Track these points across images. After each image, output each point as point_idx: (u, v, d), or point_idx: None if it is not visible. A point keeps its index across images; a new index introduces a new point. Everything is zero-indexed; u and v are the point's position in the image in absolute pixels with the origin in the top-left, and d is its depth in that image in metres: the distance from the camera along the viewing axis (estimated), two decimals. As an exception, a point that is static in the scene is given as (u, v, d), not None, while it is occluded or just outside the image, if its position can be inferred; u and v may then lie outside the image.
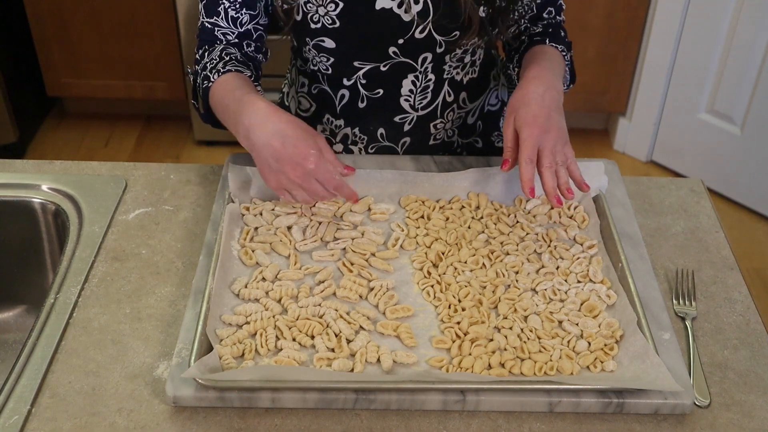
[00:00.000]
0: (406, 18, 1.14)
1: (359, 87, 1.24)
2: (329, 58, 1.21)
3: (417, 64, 1.20)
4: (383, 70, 1.21)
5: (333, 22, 1.14)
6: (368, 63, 1.20)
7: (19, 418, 0.87)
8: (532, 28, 1.26)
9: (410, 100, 1.24)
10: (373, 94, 1.24)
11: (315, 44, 1.19)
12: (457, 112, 1.29)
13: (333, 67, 1.22)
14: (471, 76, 1.27)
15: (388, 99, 1.24)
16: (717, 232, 1.17)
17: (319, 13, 1.14)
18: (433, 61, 1.20)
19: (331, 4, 1.13)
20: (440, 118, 1.28)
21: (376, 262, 1.06)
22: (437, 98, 1.25)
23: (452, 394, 0.88)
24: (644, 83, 2.82)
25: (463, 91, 1.27)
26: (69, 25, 2.73)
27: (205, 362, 0.88)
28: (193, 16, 2.63)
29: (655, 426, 0.88)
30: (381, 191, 1.17)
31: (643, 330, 0.94)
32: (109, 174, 1.24)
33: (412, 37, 1.16)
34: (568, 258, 1.08)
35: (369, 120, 1.28)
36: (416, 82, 1.22)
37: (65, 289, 1.03)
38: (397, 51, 1.18)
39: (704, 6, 2.58)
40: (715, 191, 2.76)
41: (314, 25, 1.16)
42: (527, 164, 1.04)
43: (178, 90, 2.86)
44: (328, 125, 1.31)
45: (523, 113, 1.07)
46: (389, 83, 1.23)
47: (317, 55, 1.21)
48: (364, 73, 1.22)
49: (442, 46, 1.18)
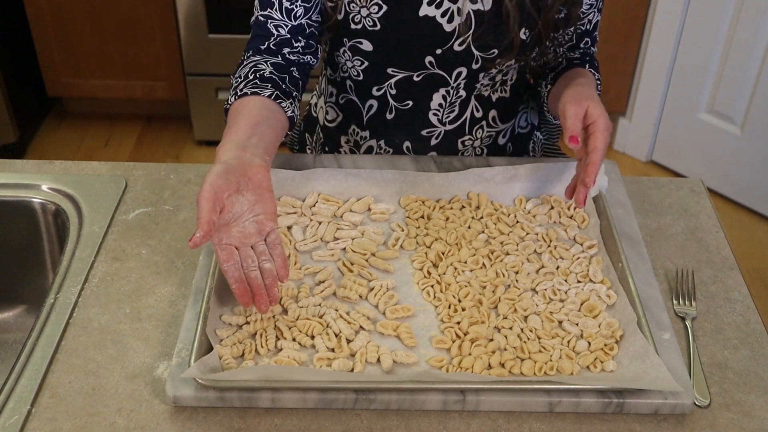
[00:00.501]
0: (448, 28, 1.14)
1: (388, 97, 1.24)
2: (363, 62, 1.20)
3: (450, 78, 1.20)
4: (416, 80, 1.21)
5: (374, 24, 1.14)
6: (402, 71, 1.20)
7: (19, 418, 0.87)
8: (569, 54, 1.26)
9: (439, 114, 1.25)
10: (402, 106, 1.24)
11: (352, 45, 1.19)
12: (486, 130, 1.29)
13: (365, 73, 1.22)
14: (501, 94, 1.27)
15: (417, 112, 1.24)
16: (717, 232, 1.17)
17: (361, 14, 1.14)
18: (466, 77, 1.20)
19: (375, 6, 1.13)
20: (468, 135, 1.28)
21: (376, 262, 1.06)
22: (465, 113, 1.25)
23: (452, 394, 0.88)
24: (644, 83, 2.82)
25: (493, 108, 1.27)
26: (69, 25, 2.73)
27: (205, 362, 0.88)
28: (193, 16, 2.63)
29: (655, 426, 0.88)
30: (381, 191, 1.17)
31: (643, 330, 0.94)
32: (109, 174, 1.24)
33: (450, 49, 1.16)
34: (568, 258, 1.08)
35: (395, 132, 1.28)
36: (447, 97, 1.22)
37: (65, 289, 1.03)
38: (433, 62, 1.18)
39: (704, 6, 2.58)
40: (715, 191, 2.76)
41: (355, 25, 1.15)
42: (604, 133, 1.04)
43: (178, 90, 2.86)
44: (353, 136, 1.31)
45: (582, 91, 1.08)
46: (420, 95, 1.23)
47: (351, 58, 1.21)
48: (395, 82, 1.22)
49: (478, 62, 1.18)
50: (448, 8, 1.13)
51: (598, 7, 1.23)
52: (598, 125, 1.04)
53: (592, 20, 1.24)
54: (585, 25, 1.24)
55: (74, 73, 2.85)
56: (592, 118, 1.05)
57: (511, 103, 1.30)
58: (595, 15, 1.24)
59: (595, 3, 1.22)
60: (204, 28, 2.65)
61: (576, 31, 1.23)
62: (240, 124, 1.04)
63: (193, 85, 2.80)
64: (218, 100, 2.82)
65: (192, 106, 2.85)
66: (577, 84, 1.14)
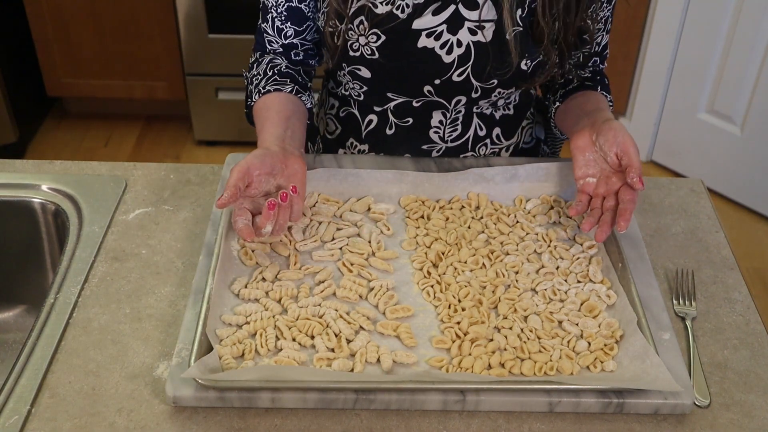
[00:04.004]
0: (446, 60, 1.14)
1: (389, 114, 1.24)
2: (362, 86, 1.21)
3: (450, 104, 1.20)
4: (415, 105, 1.21)
5: (372, 53, 1.14)
6: (401, 96, 1.20)
7: (19, 418, 0.87)
8: (580, 72, 1.25)
9: (440, 132, 1.25)
10: (403, 122, 1.24)
11: (350, 71, 1.19)
12: (490, 147, 1.29)
13: (365, 95, 1.23)
14: (505, 112, 1.26)
15: (417, 128, 1.25)
16: (717, 232, 1.17)
17: (359, 42, 1.14)
18: (466, 104, 1.21)
19: (373, 35, 1.12)
20: (471, 152, 1.28)
21: (376, 262, 1.06)
22: (468, 132, 1.25)
23: (452, 394, 0.88)
24: (644, 83, 2.82)
25: (497, 126, 1.27)
26: (69, 25, 2.73)
27: (205, 362, 0.88)
28: (193, 16, 2.63)
29: (655, 426, 0.88)
30: (381, 191, 1.17)
31: (643, 330, 0.94)
32: (109, 174, 1.24)
33: (449, 80, 1.16)
34: (568, 258, 1.08)
35: (395, 147, 1.28)
36: (447, 114, 1.22)
37: (65, 289, 1.03)
38: (432, 90, 1.18)
39: (704, 6, 2.58)
40: (715, 191, 2.76)
41: (353, 53, 1.15)
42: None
43: (178, 90, 2.86)
44: (351, 149, 1.31)
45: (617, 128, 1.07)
46: (419, 115, 1.23)
47: (351, 81, 1.21)
48: (395, 105, 1.22)
49: (478, 91, 1.18)
50: (447, 40, 1.13)
51: (607, 29, 1.22)
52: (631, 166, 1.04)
53: (600, 42, 1.23)
54: (594, 47, 1.23)
55: (74, 73, 2.85)
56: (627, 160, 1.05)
57: (515, 120, 1.29)
58: (603, 37, 1.23)
59: (604, 27, 1.20)
60: (204, 28, 2.65)
61: (584, 54, 1.22)
62: (273, 119, 1.12)
63: (193, 85, 2.80)
64: (218, 100, 2.82)
65: (192, 106, 2.85)
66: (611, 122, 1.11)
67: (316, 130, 1.37)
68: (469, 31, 1.12)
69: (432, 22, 1.12)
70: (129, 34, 2.75)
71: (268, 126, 1.11)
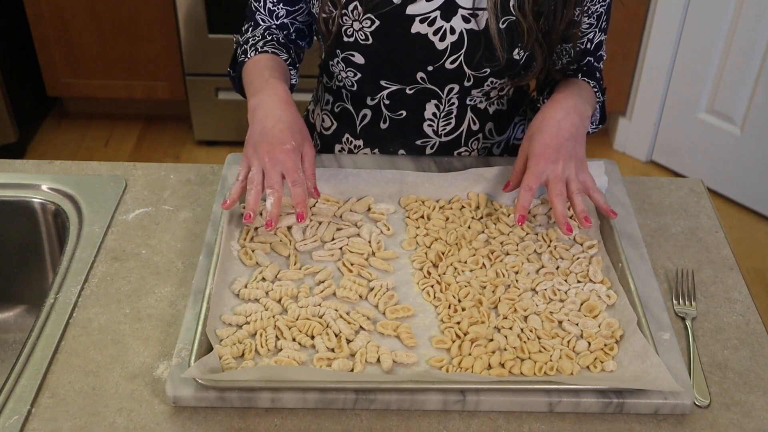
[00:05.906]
0: (440, 46, 1.14)
1: (382, 107, 1.24)
2: (356, 74, 1.21)
3: (443, 93, 1.20)
4: (408, 93, 1.21)
5: (366, 39, 1.14)
6: (394, 84, 1.20)
7: (19, 418, 0.87)
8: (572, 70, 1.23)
9: (433, 125, 1.24)
10: (396, 116, 1.24)
11: (344, 57, 1.19)
12: (482, 142, 1.29)
13: (358, 84, 1.22)
14: (498, 107, 1.26)
15: (410, 122, 1.25)
16: (717, 232, 1.17)
17: (353, 28, 1.14)
18: (459, 93, 1.21)
19: (367, 20, 1.13)
20: (464, 146, 1.28)
21: (376, 262, 1.06)
22: (461, 125, 1.25)
23: (452, 394, 0.88)
24: (644, 83, 2.82)
25: (490, 121, 1.27)
26: (69, 25, 2.73)
27: (205, 362, 0.88)
28: (193, 16, 2.63)
29: (655, 426, 0.88)
30: (381, 191, 1.17)
31: (643, 330, 0.94)
32: (109, 174, 1.24)
33: (441, 66, 1.16)
34: (568, 258, 1.08)
35: (390, 142, 1.28)
36: (439, 106, 1.22)
37: (65, 289, 1.03)
38: (425, 77, 1.18)
39: (704, 6, 2.58)
40: (715, 191, 2.76)
41: (347, 38, 1.15)
42: (525, 191, 1.06)
43: (178, 90, 2.86)
44: (347, 144, 1.31)
45: (536, 140, 1.08)
46: (413, 105, 1.23)
47: (345, 69, 1.21)
48: (388, 93, 1.22)
49: (470, 80, 1.18)
50: (440, 26, 1.13)
51: (600, 27, 1.21)
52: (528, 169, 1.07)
53: (593, 40, 1.22)
54: (585, 44, 1.22)
55: (74, 73, 2.85)
56: (528, 161, 1.08)
57: (508, 115, 1.29)
58: (596, 35, 1.21)
59: (595, 23, 1.19)
60: (204, 28, 2.66)
61: (575, 49, 1.21)
62: (278, 80, 1.12)
63: (193, 85, 2.80)
64: (218, 100, 2.82)
65: (192, 106, 2.85)
66: (542, 110, 1.12)
67: (312, 126, 1.37)
68: (462, 19, 1.12)
69: (426, 8, 1.12)
70: (129, 34, 2.75)
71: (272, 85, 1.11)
